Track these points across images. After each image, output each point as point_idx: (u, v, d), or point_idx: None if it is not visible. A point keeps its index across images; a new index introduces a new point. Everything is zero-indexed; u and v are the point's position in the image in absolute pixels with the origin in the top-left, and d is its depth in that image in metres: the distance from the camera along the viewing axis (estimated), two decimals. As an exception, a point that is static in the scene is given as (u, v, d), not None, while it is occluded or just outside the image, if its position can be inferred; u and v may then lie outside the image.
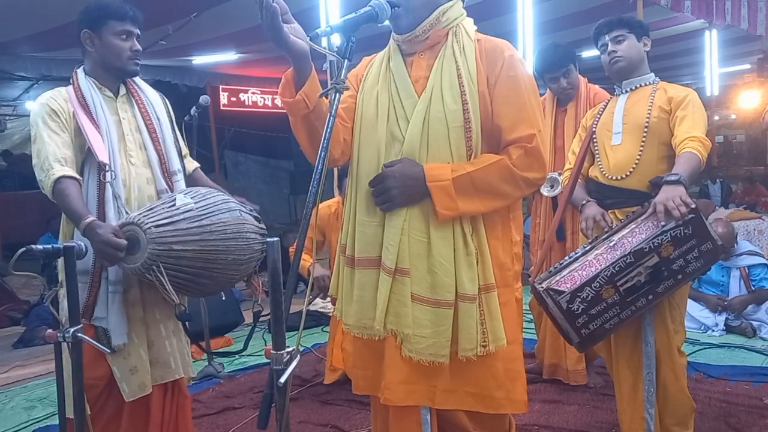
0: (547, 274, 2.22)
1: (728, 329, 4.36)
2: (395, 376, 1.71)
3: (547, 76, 3.37)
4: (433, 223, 1.68)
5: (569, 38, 5.49)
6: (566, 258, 2.26)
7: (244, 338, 2.26)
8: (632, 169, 2.43)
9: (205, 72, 7.64)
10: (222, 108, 8.88)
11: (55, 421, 1.93)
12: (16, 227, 8.37)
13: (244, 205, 2.10)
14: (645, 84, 2.54)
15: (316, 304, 4.99)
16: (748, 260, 4.55)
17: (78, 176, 2.01)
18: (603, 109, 2.63)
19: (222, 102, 8.81)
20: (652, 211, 2.17)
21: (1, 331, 5.60)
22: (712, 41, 6.86)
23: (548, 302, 2.15)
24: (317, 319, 5.06)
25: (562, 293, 2.13)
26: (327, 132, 1.43)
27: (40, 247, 1.70)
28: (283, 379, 1.24)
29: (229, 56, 6.87)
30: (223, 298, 4.67)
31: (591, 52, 5.60)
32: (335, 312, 1.92)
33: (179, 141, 2.31)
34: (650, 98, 2.47)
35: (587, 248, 2.24)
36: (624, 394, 2.44)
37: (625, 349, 2.42)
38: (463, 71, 1.69)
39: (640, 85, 2.54)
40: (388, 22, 1.70)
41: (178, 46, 5.85)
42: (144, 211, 1.95)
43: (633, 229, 2.19)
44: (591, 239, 2.33)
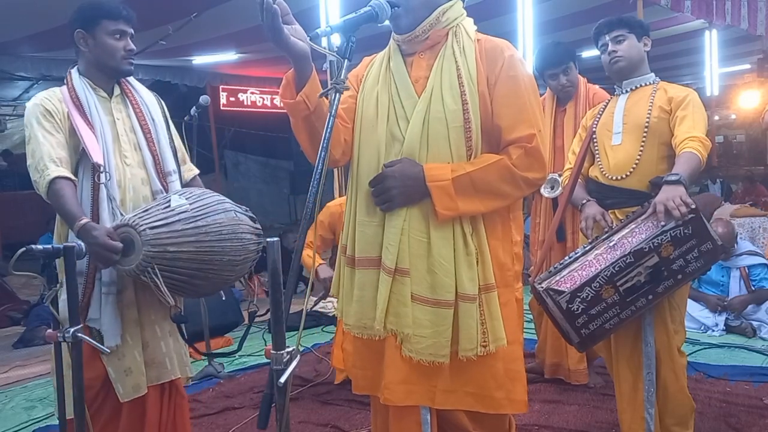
0: (547, 274, 2.22)
1: (728, 329, 4.36)
2: (395, 376, 1.71)
3: (547, 72, 3.38)
4: (433, 223, 1.68)
5: (569, 38, 5.48)
6: (566, 258, 2.26)
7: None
8: (632, 169, 2.43)
9: (205, 72, 7.63)
10: (222, 108, 8.88)
11: (56, 421, 1.92)
12: (16, 227, 8.37)
13: (239, 206, 2.09)
14: (645, 84, 2.54)
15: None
16: (748, 260, 4.55)
17: (73, 177, 2.00)
18: (603, 109, 2.63)
19: (222, 102, 8.81)
20: (652, 211, 2.17)
21: (1, 331, 5.60)
22: (712, 41, 6.86)
23: (548, 302, 2.15)
24: (317, 319, 5.06)
25: (562, 293, 2.13)
26: (327, 132, 1.43)
27: (40, 247, 1.69)
28: (283, 379, 1.24)
29: (229, 56, 6.87)
30: (223, 298, 4.66)
31: (591, 52, 5.60)
32: (336, 312, 1.92)
33: (176, 143, 2.29)
34: (650, 98, 2.47)
35: (587, 248, 2.24)
36: (624, 394, 2.44)
37: (625, 349, 2.43)
38: (463, 71, 1.69)
39: (641, 85, 2.54)
40: (388, 22, 1.70)
41: (178, 46, 5.85)
42: (139, 213, 1.94)
43: (633, 229, 2.19)
44: (591, 239, 2.33)
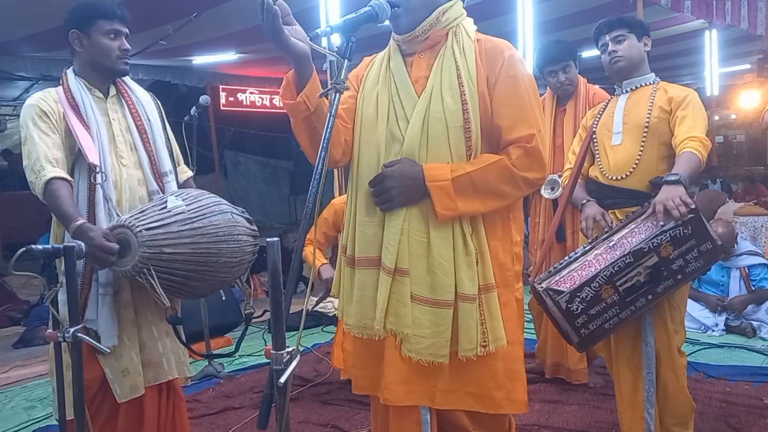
0: (547, 274, 2.22)
1: (728, 329, 4.36)
2: (395, 376, 1.71)
3: (546, 69, 3.38)
4: (433, 223, 1.68)
5: (569, 38, 5.43)
6: (566, 258, 2.26)
7: (244, 338, 2.26)
8: (632, 169, 2.43)
9: (205, 72, 7.63)
10: (222, 108, 8.89)
11: (56, 421, 1.92)
12: (16, 227, 8.35)
13: (236, 207, 2.08)
14: (645, 84, 2.54)
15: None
16: (748, 260, 4.55)
17: (69, 178, 1.99)
18: (603, 109, 2.63)
19: (222, 102, 8.81)
20: (651, 211, 2.17)
21: (1, 331, 5.59)
22: (712, 41, 6.86)
23: (548, 302, 2.15)
24: (317, 319, 5.06)
25: (562, 293, 2.13)
26: (327, 132, 1.43)
27: (40, 247, 1.69)
28: (283, 379, 1.24)
29: (229, 56, 6.87)
30: (223, 298, 4.66)
31: (591, 52, 5.59)
32: (337, 312, 1.92)
33: (172, 143, 2.28)
34: (650, 98, 2.47)
35: (587, 248, 2.24)
36: (624, 394, 2.44)
37: (625, 349, 2.43)
38: (463, 71, 1.69)
39: (641, 85, 2.54)
40: (388, 22, 1.70)
41: (178, 46, 5.85)
42: (135, 214, 1.93)
43: (633, 229, 2.19)
44: (591, 239, 2.33)
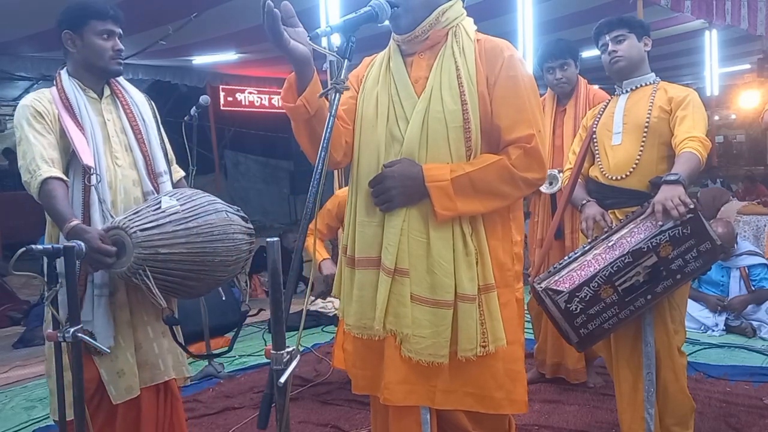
0: (547, 274, 2.22)
1: (728, 329, 4.36)
2: (394, 376, 1.71)
3: (545, 65, 3.39)
4: (432, 224, 1.68)
5: (569, 38, 5.44)
6: (565, 258, 2.27)
7: (244, 338, 2.26)
8: (632, 169, 2.43)
9: (205, 72, 7.63)
10: (222, 108, 8.87)
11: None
12: (16, 227, 8.34)
13: (231, 206, 2.07)
14: (645, 84, 2.54)
15: (316, 304, 4.98)
16: (748, 260, 4.55)
17: (65, 178, 1.98)
18: (603, 109, 2.64)
19: (222, 102, 8.80)
20: (650, 211, 2.17)
21: (1, 331, 5.59)
22: (712, 41, 6.85)
23: (547, 302, 2.15)
24: (317, 319, 5.06)
25: (561, 293, 2.13)
26: (327, 132, 1.42)
27: (40, 247, 1.69)
28: (283, 379, 1.24)
29: (229, 56, 6.87)
30: (223, 298, 4.66)
31: (591, 52, 5.58)
32: (337, 312, 1.92)
33: (165, 143, 2.27)
34: (650, 98, 2.47)
35: (586, 248, 2.25)
36: (624, 394, 2.44)
37: (625, 349, 2.43)
38: (463, 71, 1.69)
39: (641, 85, 2.54)
40: (387, 22, 1.70)
41: (178, 46, 5.85)
42: (129, 215, 1.92)
43: (632, 229, 2.19)
44: (591, 239, 2.33)
